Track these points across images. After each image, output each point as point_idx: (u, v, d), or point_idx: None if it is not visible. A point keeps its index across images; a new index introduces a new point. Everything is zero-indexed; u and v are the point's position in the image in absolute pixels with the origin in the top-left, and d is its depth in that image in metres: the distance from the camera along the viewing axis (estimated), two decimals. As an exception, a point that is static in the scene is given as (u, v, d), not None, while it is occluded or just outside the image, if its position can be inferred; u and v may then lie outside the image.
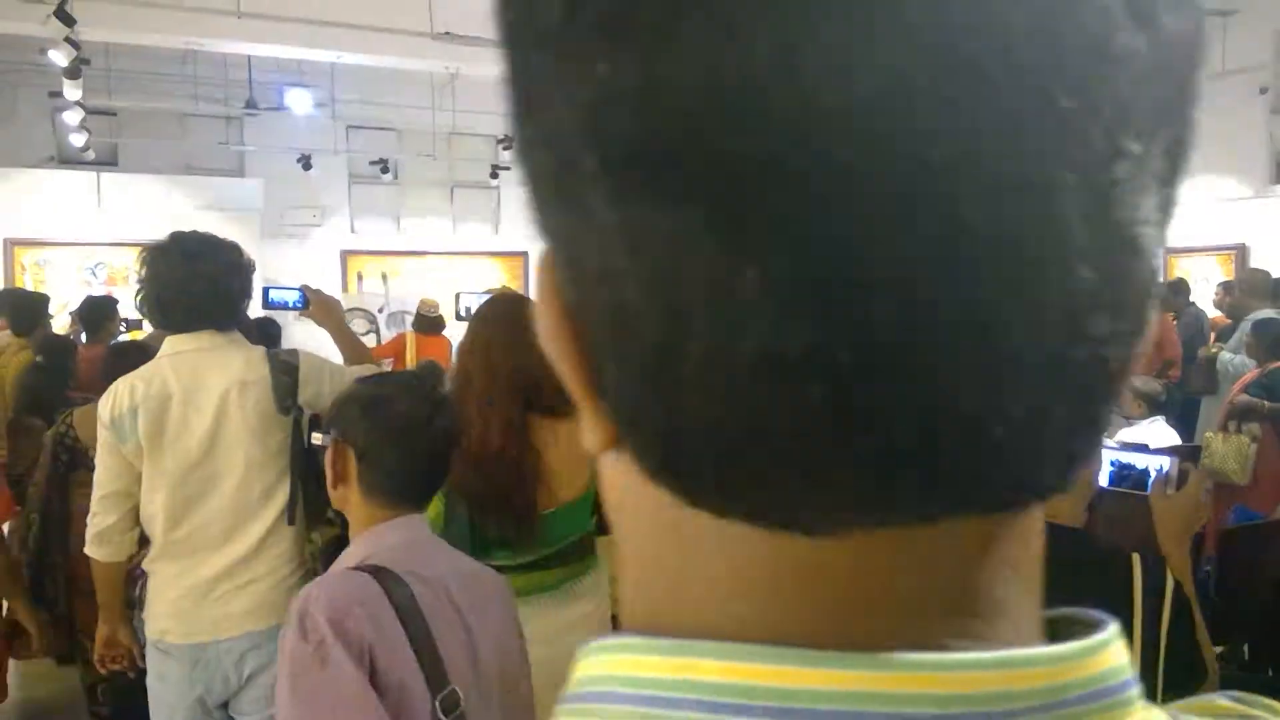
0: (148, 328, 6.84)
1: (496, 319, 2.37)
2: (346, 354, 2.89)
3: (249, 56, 10.39)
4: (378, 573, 1.45)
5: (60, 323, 6.61)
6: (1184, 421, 6.45)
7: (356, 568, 1.47)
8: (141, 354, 4.57)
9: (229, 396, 2.45)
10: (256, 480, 2.48)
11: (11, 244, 9.78)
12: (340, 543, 2.54)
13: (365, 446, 1.58)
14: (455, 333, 11.12)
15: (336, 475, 1.61)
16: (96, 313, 5.70)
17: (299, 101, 11.48)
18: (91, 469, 3.94)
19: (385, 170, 11.71)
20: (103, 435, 2.44)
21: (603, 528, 2.63)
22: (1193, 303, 8.04)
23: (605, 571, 2.53)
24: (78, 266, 10.10)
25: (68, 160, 11.23)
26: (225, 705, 2.53)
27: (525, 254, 13.74)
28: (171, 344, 2.50)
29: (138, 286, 2.53)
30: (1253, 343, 5.67)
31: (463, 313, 3.16)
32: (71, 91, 6.89)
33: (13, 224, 9.92)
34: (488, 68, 10.20)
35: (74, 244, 10.08)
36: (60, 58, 6.03)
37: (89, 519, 2.47)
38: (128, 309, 6.58)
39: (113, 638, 2.59)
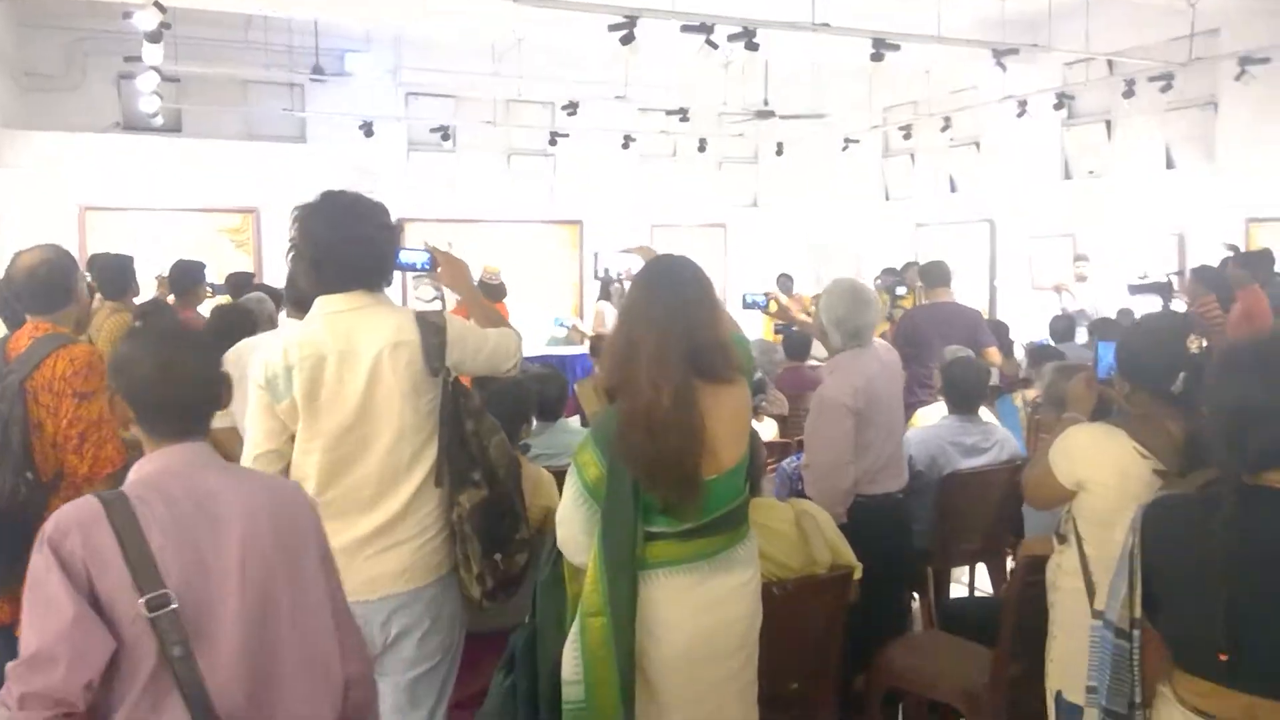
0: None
1: (663, 281, 2.32)
2: (478, 318, 2.85)
3: (315, 21, 10.39)
4: (107, 497, 1.71)
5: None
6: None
7: (97, 493, 1.75)
8: (244, 316, 4.60)
9: (382, 358, 2.43)
10: (408, 442, 2.47)
11: (84, 209, 9.89)
12: (487, 505, 2.54)
13: (127, 397, 1.83)
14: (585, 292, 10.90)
15: (120, 418, 1.87)
16: (186, 276, 5.73)
17: (364, 68, 11.47)
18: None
19: (446, 137, 11.68)
20: (256, 395, 2.43)
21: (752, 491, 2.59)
22: (1277, 273, 7.82)
23: (756, 540, 2.49)
24: (142, 233, 10.20)
25: (132, 126, 11.33)
26: (369, 666, 2.54)
27: (580, 222, 13.71)
28: (324, 304, 2.48)
29: (289, 245, 2.51)
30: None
31: (600, 274, 3.10)
32: (151, 55, 6.90)
33: (84, 190, 10.02)
34: (553, 32, 10.17)
35: (147, 209, 10.17)
36: (147, 20, 6.02)
37: (242, 479, 2.46)
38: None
39: (259, 598, 2.59)
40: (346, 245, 2.44)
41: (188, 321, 5.39)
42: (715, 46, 6.98)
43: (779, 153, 13.31)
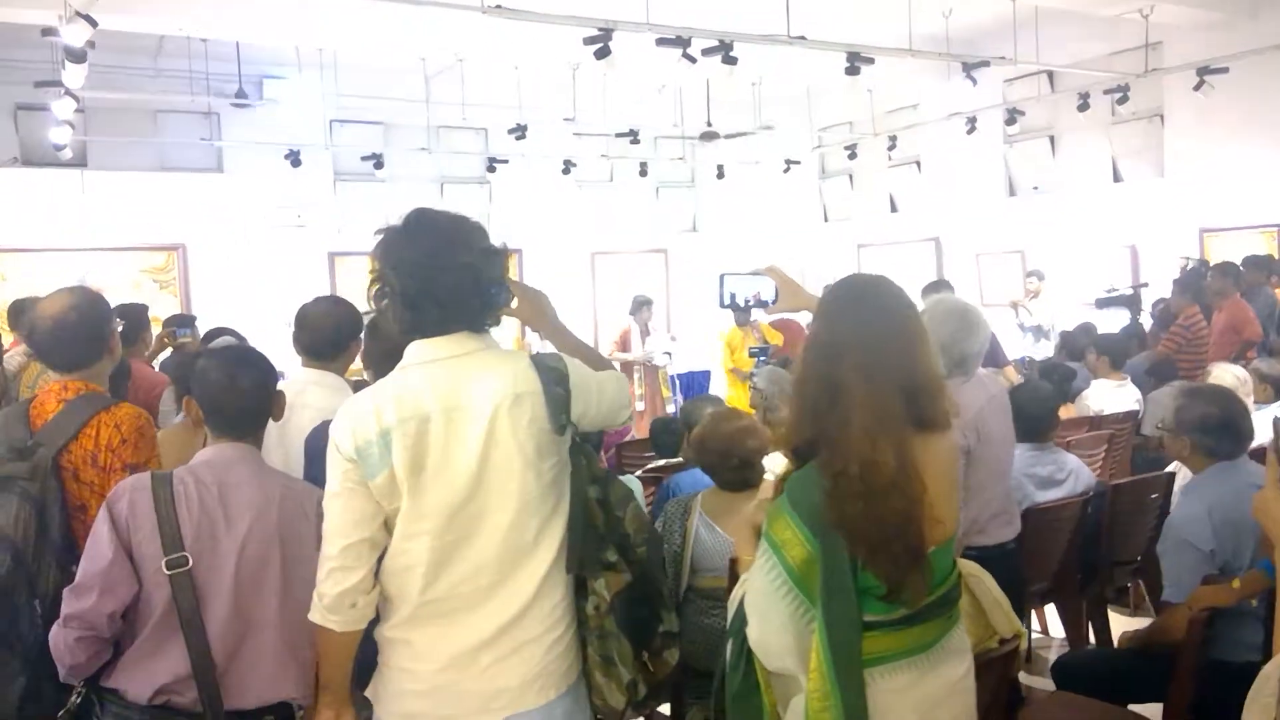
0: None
1: (869, 307, 1.87)
2: (576, 358, 2.34)
3: (237, 44, 9.68)
4: (159, 476, 2.18)
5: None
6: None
7: (152, 471, 2.23)
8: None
9: (499, 414, 1.92)
10: (531, 517, 1.96)
11: (-13, 251, 8.98)
12: (632, 590, 2.05)
13: (199, 400, 2.30)
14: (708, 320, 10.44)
15: (193, 418, 2.47)
16: (131, 323, 5.02)
17: (286, 94, 10.76)
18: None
19: (379, 166, 11.03)
20: (342, 469, 1.90)
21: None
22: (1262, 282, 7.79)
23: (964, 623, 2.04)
24: (62, 274, 9.29)
25: (32, 161, 10.40)
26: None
27: (519, 250, 13.17)
28: (421, 351, 1.96)
29: (372, 279, 1.98)
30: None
31: (726, 300, 2.64)
32: (73, 78, 6.15)
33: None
34: (492, 54, 9.65)
35: (62, 249, 9.27)
36: (76, 35, 5.30)
37: (323, 579, 1.92)
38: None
39: (337, 725, 2.05)
40: (447, 276, 1.93)
41: (141, 373, 4.70)
42: (694, 60, 6.60)
43: (720, 176, 13.02)
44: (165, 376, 4.79)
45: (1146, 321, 8.88)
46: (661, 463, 4.98)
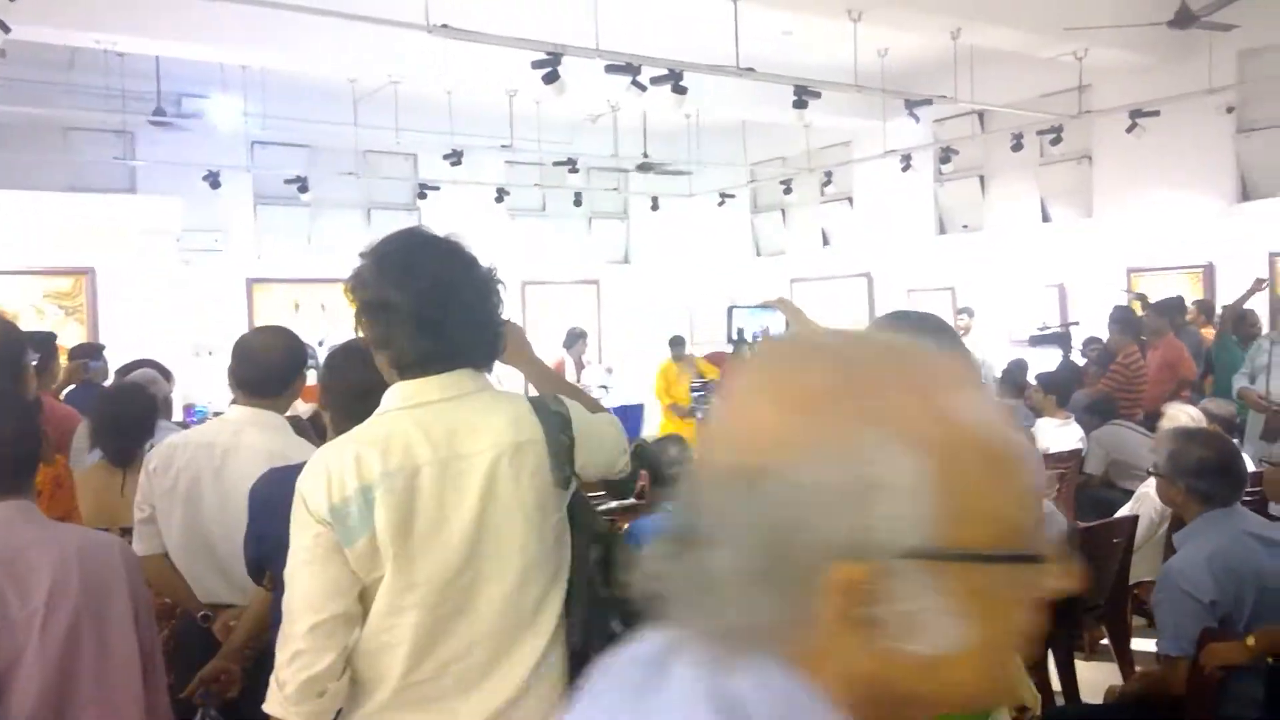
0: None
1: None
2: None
3: (157, 59, 9.24)
4: None
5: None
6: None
7: None
8: (145, 399, 3.66)
9: (499, 467, 1.69)
10: (531, 584, 1.73)
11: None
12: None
13: None
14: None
15: None
16: (43, 353, 4.62)
17: (205, 113, 10.31)
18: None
19: (303, 189, 10.64)
20: (312, 533, 1.63)
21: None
22: (1188, 322, 7.93)
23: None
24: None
25: (-76, 178, 9.78)
26: None
27: (447, 280, 12.86)
28: (407, 392, 1.71)
29: (362, 305, 1.72)
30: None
31: (734, 335, 2.44)
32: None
33: None
34: (427, 77, 9.41)
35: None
36: (-15, 41, 4.92)
37: (285, 663, 1.64)
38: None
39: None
40: (465, 294, 1.70)
41: (52, 409, 4.30)
42: (643, 89, 6.46)
43: (654, 207, 12.92)
44: (76, 412, 4.39)
45: (1078, 359, 8.99)
46: (615, 504, 4.75)
